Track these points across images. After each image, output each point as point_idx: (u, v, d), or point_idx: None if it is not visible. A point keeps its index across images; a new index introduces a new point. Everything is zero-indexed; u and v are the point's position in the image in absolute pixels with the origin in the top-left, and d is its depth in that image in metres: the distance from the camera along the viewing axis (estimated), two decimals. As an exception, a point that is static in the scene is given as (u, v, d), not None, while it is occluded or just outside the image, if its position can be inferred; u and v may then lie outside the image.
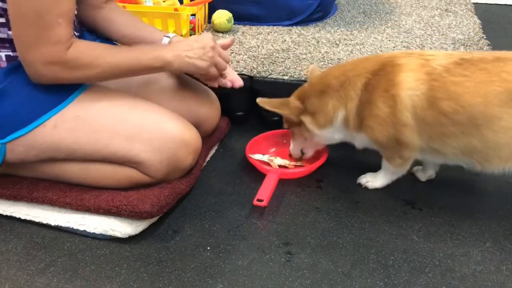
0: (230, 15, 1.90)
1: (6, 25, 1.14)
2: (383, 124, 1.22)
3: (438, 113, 1.16)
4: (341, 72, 1.27)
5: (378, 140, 1.26)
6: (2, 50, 1.17)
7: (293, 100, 1.33)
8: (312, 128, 1.32)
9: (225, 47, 1.37)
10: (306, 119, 1.31)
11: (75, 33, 1.33)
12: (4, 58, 1.17)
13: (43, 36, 1.07)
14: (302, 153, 1.45)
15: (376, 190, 1.37)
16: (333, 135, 1.34)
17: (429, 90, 1.15)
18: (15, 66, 1.17)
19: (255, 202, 1.30)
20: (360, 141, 1.33)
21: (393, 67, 1.20)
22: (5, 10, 1.12)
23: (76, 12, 1.26)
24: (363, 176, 1.40)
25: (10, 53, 1.17)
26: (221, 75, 1.36)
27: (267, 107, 1.32)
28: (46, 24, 1.07)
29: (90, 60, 1.15)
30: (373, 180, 1.38)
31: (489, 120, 1.13)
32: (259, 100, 1.32)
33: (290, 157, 1.48)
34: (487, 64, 1.14)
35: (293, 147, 1.45)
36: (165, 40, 1.38)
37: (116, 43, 1.41)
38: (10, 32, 1.15)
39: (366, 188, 1.38)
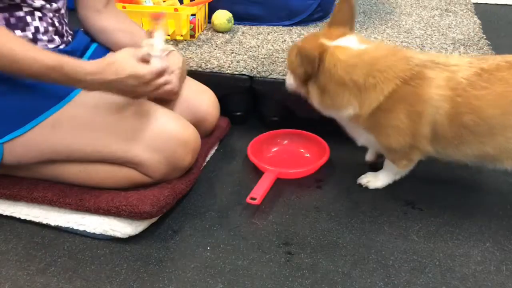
0: (230, 15, 1.90)
1: None
2: (401, 134, 1.20)
3: (459, 127, 1.16)
4: (371, 70, 1.17)
5: (392, 147, 1.25)
6: None
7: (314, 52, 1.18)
8: (314, 101, 1.24)
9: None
10: (313, 90, 1.23)
11: (69, 31, 1.33)
12: None
13: None
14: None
15: (376, 190, 1.37)
16: (329, 113, 1.28)
17: (452, 107, 1.15)
18: None
19: (248, 200, 1.30)
20: (364, 138, 1.31)
21: (423, 80, 1.16)
22: None
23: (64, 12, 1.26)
24: (363, 176, 1.40)
25: None
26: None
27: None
28: None
29: None
30: (374, 180, 1.38)
31: (505, 128, 1.15)
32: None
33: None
34: (503, 72, 1.14)
35: (291, 82, 1.32)
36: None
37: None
38: None
39: (366, 188, 1.38)
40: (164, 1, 1.94)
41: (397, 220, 1.26)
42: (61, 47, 1.28)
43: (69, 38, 1.33)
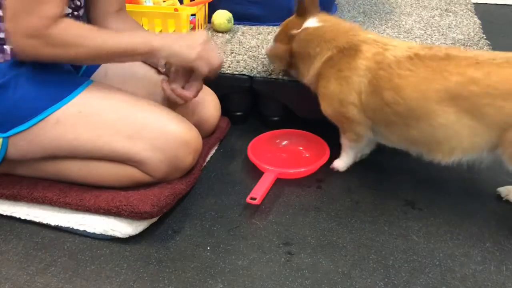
0: (230, 15, 1.90)
1: None
2: (332, 98, 1.32)
3: (381, 101, 1.23)
4: (319, 41, 1.34)
5: (327, 113, 1.37)
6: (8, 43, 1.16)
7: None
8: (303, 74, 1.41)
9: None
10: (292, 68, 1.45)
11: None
12: (9, 51, 1.17)
13: (32, 7, 1.05)
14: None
15: (376, 190, 1.37)
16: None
17: (374, 78, 1.24)
18: (20, 60, 1.17)
19: (248, 200, 1.30)
20: None
21: (355, 51, 1.28)
22: None
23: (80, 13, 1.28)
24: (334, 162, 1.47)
25: None
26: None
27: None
28: None
29: (75, 39, 1.11)
30: (338, 161, 1.45)
31: (427, 115, 1.18)
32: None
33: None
34: (434, 62, 1.19)
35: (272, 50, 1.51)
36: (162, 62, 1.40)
37: None
38: None
39: (364, 186, 1.38)
40: (164, 1, 1.94)
41: (397, 220, 1.26)
42: None
43: None
